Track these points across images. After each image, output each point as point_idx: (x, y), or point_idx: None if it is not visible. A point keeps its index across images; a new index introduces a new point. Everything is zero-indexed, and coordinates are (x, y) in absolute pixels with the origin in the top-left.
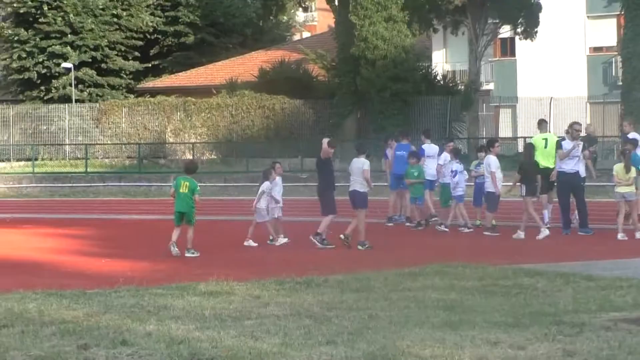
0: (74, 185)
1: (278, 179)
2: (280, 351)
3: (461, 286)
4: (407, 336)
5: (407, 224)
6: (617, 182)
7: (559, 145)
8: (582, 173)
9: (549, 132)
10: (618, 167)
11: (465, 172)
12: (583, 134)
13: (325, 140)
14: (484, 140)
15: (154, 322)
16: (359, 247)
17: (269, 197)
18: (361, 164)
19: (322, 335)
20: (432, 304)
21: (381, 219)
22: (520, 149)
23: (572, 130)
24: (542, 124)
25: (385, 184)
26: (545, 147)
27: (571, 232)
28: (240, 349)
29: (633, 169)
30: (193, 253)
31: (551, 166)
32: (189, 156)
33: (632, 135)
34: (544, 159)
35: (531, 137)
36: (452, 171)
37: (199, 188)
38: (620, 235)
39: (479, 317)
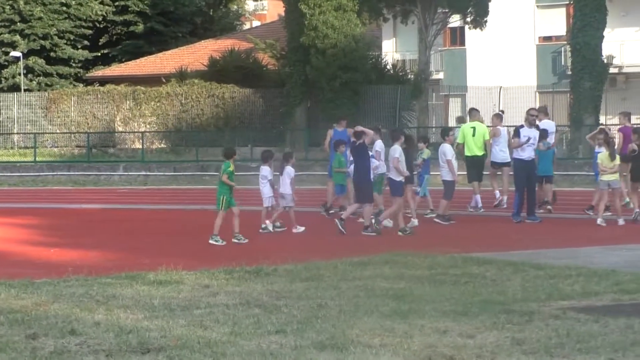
0: (22, 174)
1: (289, 169)
2: (230, 340)
3: (410, 275)
4: (357, 325)
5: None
6: (601, 170)
7: (516, 134)
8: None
9: (482, 120)
10: (603, 156)
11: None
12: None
13: (358, 127)
14: (434, 130)
15: (102, 312)
16: (400, 233)
17: (268, 182)
18: (393, 151)
19: (272, 324)
20: (381, 293)
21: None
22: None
23: (528, 116)
24: (472, 112)
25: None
26: (474, 135)
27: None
28: (189, 338)
29: (618, 157)
30: (217, 241)
31: (479, 154)
32: (138, 145)
33: (543, 124)
34: (472, 147)
35: (504, 126)
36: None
37: (229, 169)
38: (599, 221)
39: (428, 306)
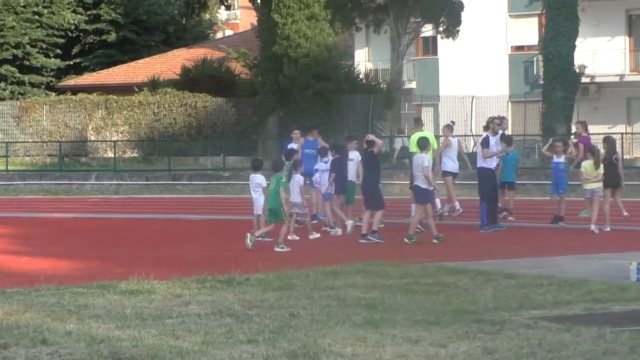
0: None
1: (298, 177)
2: (202, 350)
3: (383, 284)
4: (329, 334)
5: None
6: (585, 179)
7: (485, 144)
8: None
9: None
10: (587, 164)
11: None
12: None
13: (369, 136)
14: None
15: (74, 321)
16: (405, 240)
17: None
18: (422, 160)
19: (244, 333)
20: (353, 302)
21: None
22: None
23: (493, 125)
24: (417, 122)
25: None
26: None
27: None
28: (161, 347)
29: (602, 166)
30: (282, 248)
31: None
32: (110, 154)
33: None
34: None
35: (453, 136)
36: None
37: (283, 179)
38: (593, 227)
39: (400, 316)
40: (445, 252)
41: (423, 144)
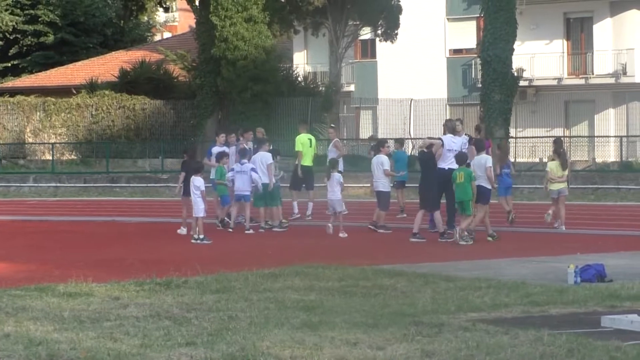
0: None
1: (337, 175)
2: (140, 352)
3: (321, 287)
4: (267, 337)
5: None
6: (550, 179)
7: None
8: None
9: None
10: (553, 165)
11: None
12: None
13: (427, 140)
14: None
15: (12, 324)
16: (459, 241)
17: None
18: (484, 160)
19: (182, 336)
20: (292, 304)
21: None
22: None
23: (455, 125)
24: (302, 125)
25: None
26: (310, 146)
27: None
28: (99, 350)
29: (568, 168)
30: (467, 241)
31: (311, 164)
32: (48, 157)
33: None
34: (307, 157)
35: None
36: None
37: (474, 174)
38: (557, 224)
39: (338, 318)
40: (383, 254)
41: (480, 145)
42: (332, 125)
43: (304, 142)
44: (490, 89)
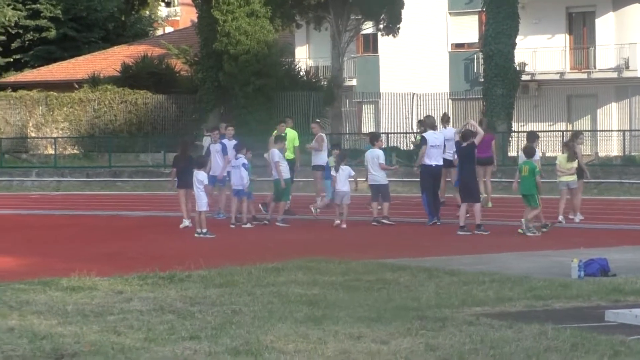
0: None
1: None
2: (144, 346)
3: (324, 281)
4: (271, 331)
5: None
6: (559, 172)
7: (422, 141)
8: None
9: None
10: (562, 158)
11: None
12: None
13: (470, 125)
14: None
15: (16, 317)
16: (526, 232)
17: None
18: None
19: (186, 330)
20: (295, 299)
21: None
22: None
23: (435, 121)
24: (287, 120)
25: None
26: (292, 139)
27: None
28: (103, 344)
29: (576, 160)
30: (534, 232)
31: (291, 157)
32: (51, 151)
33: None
34: (291, 151)
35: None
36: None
37: (538, 169)
38: (560, 217)
39: (342, 312)
40: (387, 248)
41: (532, 138)
42: (317, 120)
43: (290, 138)
44: (493, 83)
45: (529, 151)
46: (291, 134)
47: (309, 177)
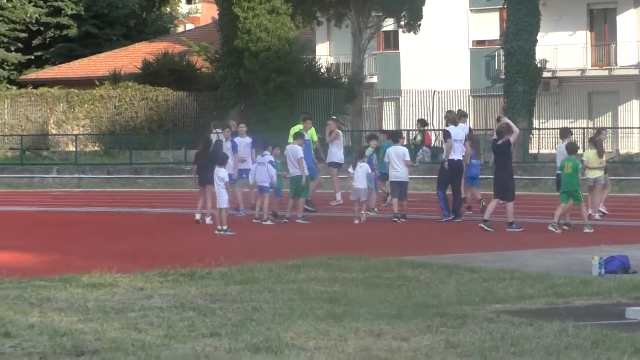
0: None
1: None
2: (164, 343)
3: (345, 278)
4: (291, 328)
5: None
6: (588, 168)
7: (446, 135)
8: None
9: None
10: (590, 154)
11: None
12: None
13: (504, 121)
14: (376, 132)
15: (36, 314)
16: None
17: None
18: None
19: (206, 327)
20: (316, 296)
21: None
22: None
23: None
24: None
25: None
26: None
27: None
28: (123, 340)
29: (604, 156)
30: (589, 228)
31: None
32: (71, 148)
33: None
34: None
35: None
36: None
37: (580, 166)
38: (595, 213)
39: (362, 309)
40: (407, 245)
41: (565, 133)
42: (333, 117)
43: (292, 134)
44: (514, 80)
45: (572, 148)
46: (310, 131)
47: (326, 174)
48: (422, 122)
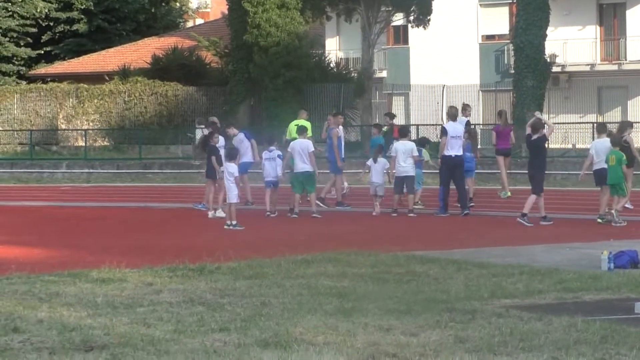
0: None
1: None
2: (173, 338)
3: (354, 273)
4: (300, 323)
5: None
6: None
7: (443, 132)
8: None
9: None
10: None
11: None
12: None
13: (537, 116)
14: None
15: (46, 309)
16: (598, 220)
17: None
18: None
19: (215, 322)
20: (325, 291)
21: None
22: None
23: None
24: (300, 112)
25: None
26: (297, 132)
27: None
28: (132, 335)
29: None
30: (619, 223)
31: None
32: (81, 143)
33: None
34: None
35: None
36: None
37: (624, 158)
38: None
39: (371, 304)
40: (416, 241)
41: (603, 128)
42: (334, 112)
43: (291, 129)
44: (523, 75)
45: (616, 140)
46: (306, 125)
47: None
48: (390, 116)
